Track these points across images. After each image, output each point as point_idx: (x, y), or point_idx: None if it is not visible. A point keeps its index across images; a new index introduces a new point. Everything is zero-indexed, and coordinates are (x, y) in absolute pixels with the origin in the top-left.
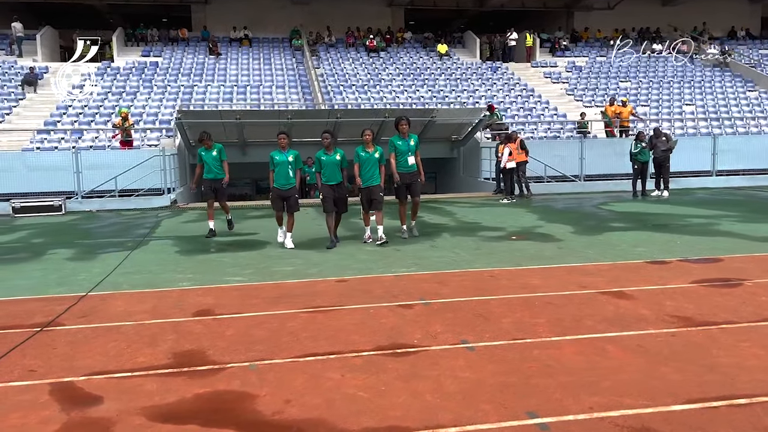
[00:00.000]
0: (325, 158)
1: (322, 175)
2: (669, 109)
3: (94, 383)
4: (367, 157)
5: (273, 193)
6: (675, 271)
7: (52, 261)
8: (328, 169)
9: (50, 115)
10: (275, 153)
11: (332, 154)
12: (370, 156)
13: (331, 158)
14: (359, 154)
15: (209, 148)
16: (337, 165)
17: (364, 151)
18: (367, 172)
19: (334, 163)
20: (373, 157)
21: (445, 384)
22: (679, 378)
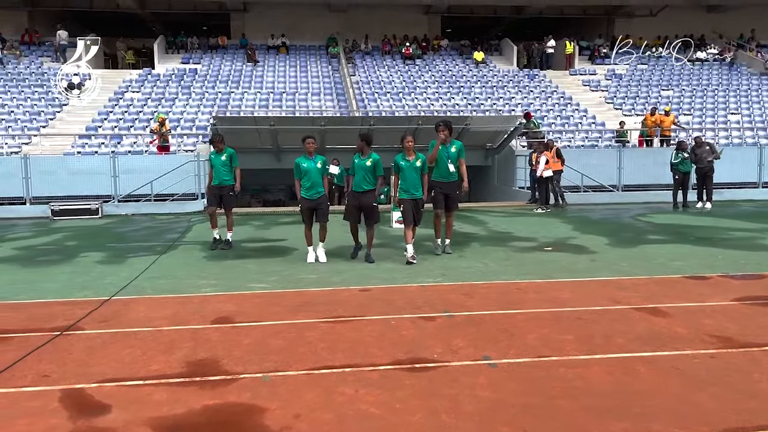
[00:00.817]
0: (357, 161)
1: (354, 182)
2: (713, 119)
3: (105, 391)
4: (407, 165)
5: (302, 203)
6: (715, 288)
7: (82, 264)
8: (358, 174)
9: (92, 121)
10: (302, 159)
11: (365, 159)
12: (411, 164)
13: (363, 162)
14: (398, 163)
15: (219, 152)
16: (369, 171)
17: (404, 159)
18: (409, 183)
19: (365, 168)
20: (415, 166)
21: (463, 403)
22: (716, 405)
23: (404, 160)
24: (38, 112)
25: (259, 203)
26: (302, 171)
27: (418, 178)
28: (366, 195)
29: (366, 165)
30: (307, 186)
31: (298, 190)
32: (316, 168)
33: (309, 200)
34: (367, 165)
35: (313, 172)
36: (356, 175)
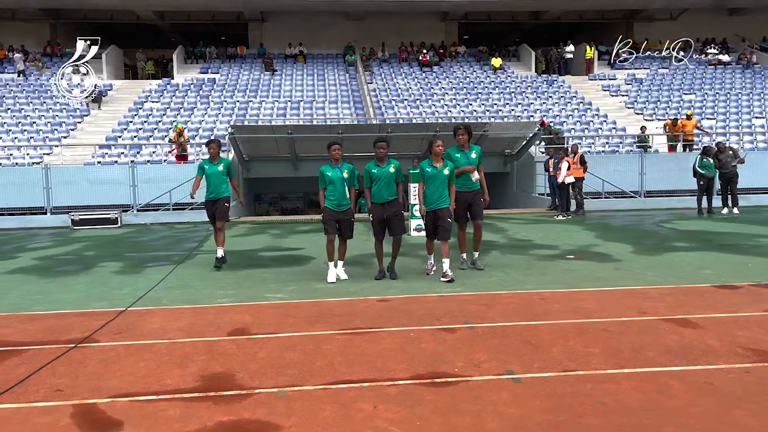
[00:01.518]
0: (376, 171)
1: (373, 191)
2: (737, 123)
3: (118, 406)
4: (434, 173)
5: (326, 213)
6: (747, 297)
7: (100, 274)
8: (380, 184)
9: (112, 131)
10: (327, 168)
11: (385, 166)
12: (439, 172)
13: (384, 170)
14: (425, 170)
15: (215, 161)
16: (392, 178)
17: (431, 165)
18: (435, 192)
19: (388, 176)
20: (442, 174)
21: (486, 420)
22: (755, 423)
23: (431, 166)
24: (59, 123)
25: (277, 211)
26: (327, 181)
27: (445, 187)
28: (392, 205)
29: (389, 172)
30: (332, 198)
31: (322, 199)
32: (341, 178)
33: (333, 211)
34: (390, 172)
35: (338, 183)
36: (377, 186)
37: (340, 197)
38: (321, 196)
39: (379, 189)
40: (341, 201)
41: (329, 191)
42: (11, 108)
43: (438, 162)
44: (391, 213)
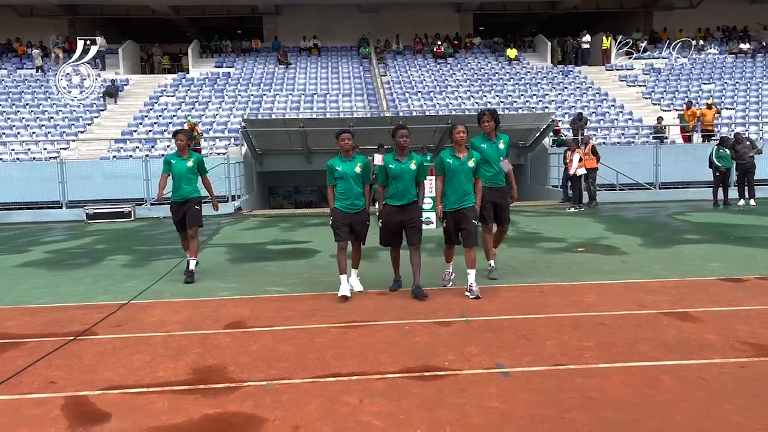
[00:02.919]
0: (395, 166)
1: (389, 191)
2: (757, 113)
3: (108, 399)
4: (457, 166)
5: (335, 216)
6: (752, 291)
7: (108, 267)
8: (398, 183)
9: (128, 125)
10: (336, 161)
11: (406, 161)
12: (462, 164)
13: (405, 166)
14: (445, 161)
15: (183, 155)
16: (413, 176)
17: (452, 156)
18: (457, 189)
19: (409, 173)
20: (467, 167)
21: (470, 415)
22: (743, 419)
23: (453, 157)
24: (76, 118)
25: (291, 205)
26: (337, 176)
27: (469, 182)
28: (410, 211)
29: (411, 169)
30: (343, 197)
31: (331, 198)
32: (354, 173)
33: (345, 213)
34: (412, 169)
35: (350, 179)
36: (395, 185)
37: (352, 196)
38: (330, 195)
39: (396, 189)
40: (354, 200)
41: (339, 189)
42: (30, 103)
43: (461, 152)
44: (407, 220)
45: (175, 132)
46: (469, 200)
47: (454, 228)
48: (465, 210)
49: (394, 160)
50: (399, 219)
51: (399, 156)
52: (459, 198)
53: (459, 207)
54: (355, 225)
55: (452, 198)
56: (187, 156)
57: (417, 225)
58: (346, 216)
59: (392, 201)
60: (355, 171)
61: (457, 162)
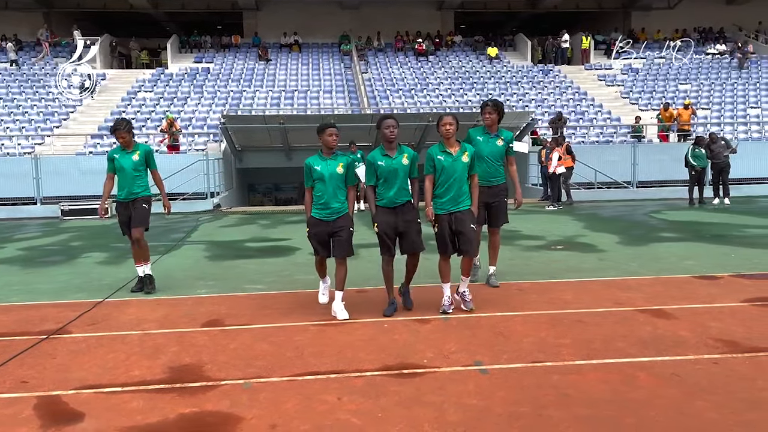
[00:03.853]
0: (384, 162)
1: (379, 191)
2: (732, 113)
3: (82, 398)
4: (450, 163)
5: (312, 226)
6: (725, 288)
7: (83, 265)
8: (389, 181)
9: (104, 120)
10: (315, 160)
11: (396, 156)
12: (455, 161)
13: (395, 162)
14: (435, 158)
15: (128, 148)
16: (405, 173)
17: (443, 152)
18: (451, 189)
19: (401, 169)
20: (461, 163)
21: (448, 412)
22: (716, 416)
23: (444, 153)
24: (52, 113)
25: (271, 202)
26: (316, 177)
27: (464, 180)
28: (406, 211)
29: (402, 164)
30: (320, 201)
31: (308, 204)
32: (336, 174)
33: (322, 222)
34: (404, 164)
35: (330, 181)
36: (385, 184)
37: (332, 201)
38: (306, 200)
39: (387, 188)
40: (335, 207)
41: (318, 192)
42: (3, 98)
43: (452, 146)
44: (405, 222)
45: (114, 128)
46: (465, 201)
47: (449, 234)
48: (461, 213)
49: (383, 155)
50: (395, 223)
51: (388, 150)
52: (453, 199)
53: (454, 210)
54: (336, 236)
55: (445, 199)
56: (133, 149)
57: (415, 226)
58: (326, 225)
59: (384, 203)
60: (336, 171)
61: (449, 158)
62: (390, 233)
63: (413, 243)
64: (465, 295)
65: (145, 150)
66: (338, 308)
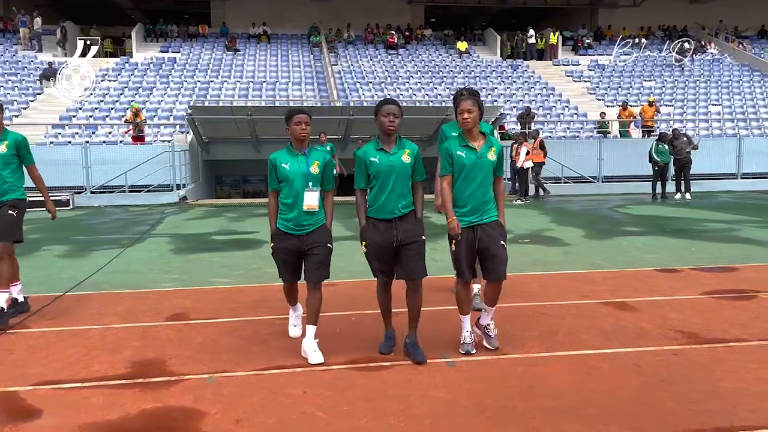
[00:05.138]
0: (379, 159)
1: (370, 197)
2: (694, 110)
3: (40, 394)
4: (474, 161)
5: (277, 242)
6: (685, 281)
7: (43, 258)
8: (386, 184)
9: (66, 110)
10: (282, 156)
11: (395, 152)
12: (481, 159)
13: (393, 159)
14: (454, 154)
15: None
16: (407, 174)
17: (464, 147)
18: (474, 195)
19: (401, 169)
20: (486, 161)
21: (414, 405)
22: (675, 405)
23: (465, 148)
24: (11, 102)
25: (239, 194)
26: (281, 178)
27: (489, 183)
28: (405, 223)
29: (403, 162)
30: (287, 209)
31: (272, 213)
32: (307, 174)
33: (291, 236)
34: (404, 162)
35: (300, 182)
36: (379, 188)
37: (300, 210)
38: (270, 206)
39: (381, 193)
40: (304, 217)
41: (285, 197)
42: None
43: (475, 140)
44: (404, 239)
45: None
46: (491, 211)
47: (469, 252)
48: (487, 226)
49: (378, 150)
50: (390, 239)
51: (384, 144)
52: (477, 208)
53: (478, 221)
54: (310, 254)
55: (467, 209)
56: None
57: (417, 244)
58: (294, 240)
59: (378, 213)
60: (309, 171)
61: (472, 155)
62: (384, 255)
63: (413, 268)
64: (489, 330)
65: (16, 139)
66: (310, 348)
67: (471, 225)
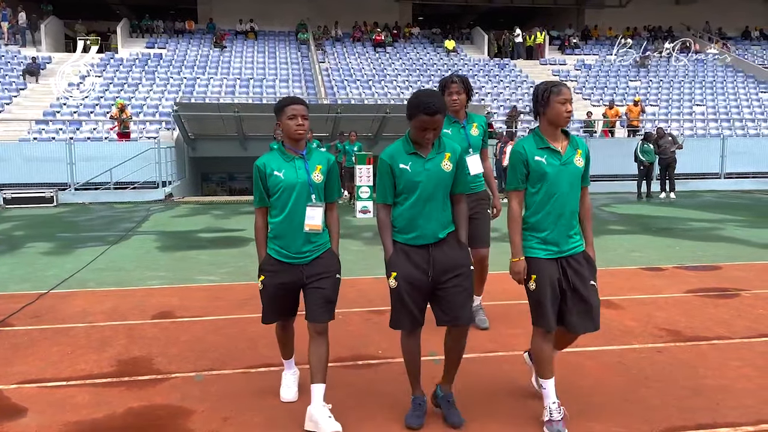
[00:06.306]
0: (411, 166)
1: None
2: (679, 110)
3: (24, 393)
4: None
5: (269, 274)
6: (669, 279)
7: (26, 255)
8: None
9: (50, 106)
10: (271, 160)
11: (433, 156)
12: (567, 164)
13: (432, 165)
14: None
15: None
16: (447, 186)
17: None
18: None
19: (442, 180)
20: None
21: (403, 403)
22: (659, 402)
23: (546, 151)
24: None
25: (225, 192)
26: (272, 190)
27: (577, 198)
28: (447, 249)
29: (443, 171)
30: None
31: (260, 236)
32: (313, 184)
33: (285, 265)
34: (445, 170)
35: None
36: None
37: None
38: (258, 228)
39: (413, 212)
40: (303, 241)
41: (276, 216)
42: None
43: (558, 140)
44: (445, 271)
45: None
46: (577, 238)
47: (554, 293)
48: (573, 259)
49: (410, 154)
50: (427, 270)
51: (419, 148)
52: (562, 234)
53: (564, 252)
54: (312, 287)
55: (548, 233)
56: None
57: (465, 282)
58: (293, 271)
59: (410, 237)
60: (311, 180)
61: (555, 161)
62: (416, 293)
63: (458, 310)
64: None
65: None
66: (321, 416)
67: (555, 256)
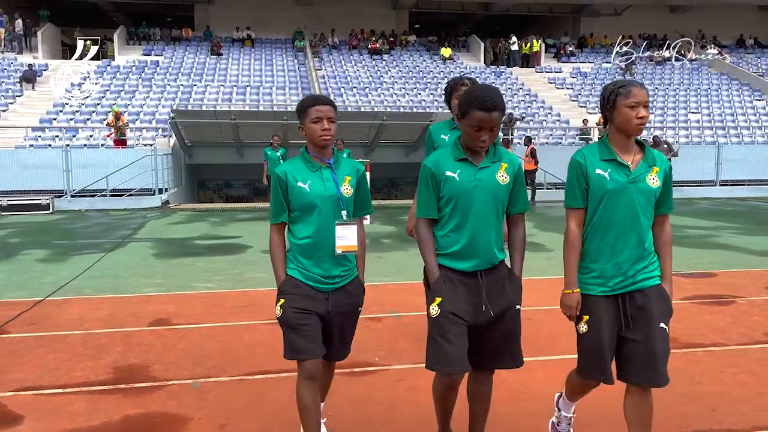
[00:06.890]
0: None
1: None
2: (674, 117)
3: (20, 400)
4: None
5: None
6: None
7: (22, 262)
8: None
9: (47, 113)
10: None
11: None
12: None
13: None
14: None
15: None
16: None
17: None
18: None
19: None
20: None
21: (400, 410)
22: (655, 409)
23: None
24: None
25: (222, 199)
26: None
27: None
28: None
29: (498, 183)
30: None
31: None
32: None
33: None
34: (500, 183)
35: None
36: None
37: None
38: (275, 247)
39: (462, 230)
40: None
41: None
42: None
43: (627, 152)
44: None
45: None
46: (650, 268)
47: (611, 337)
48: (641, 294)
49: (458, 161)
50: (478, 301)
51: (471, 154)
52: (626, 264)
53: (629, 287)
54: (333, 323)
55: (610, 264)
56: None
57: (514, 322)
58: (316, 297)
59: (456, 261)
60: (341, 193)
61: (622, 175)
62: (461, 326)
63: (504, 352)
64: None
65: None
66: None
67: (615, 292)
